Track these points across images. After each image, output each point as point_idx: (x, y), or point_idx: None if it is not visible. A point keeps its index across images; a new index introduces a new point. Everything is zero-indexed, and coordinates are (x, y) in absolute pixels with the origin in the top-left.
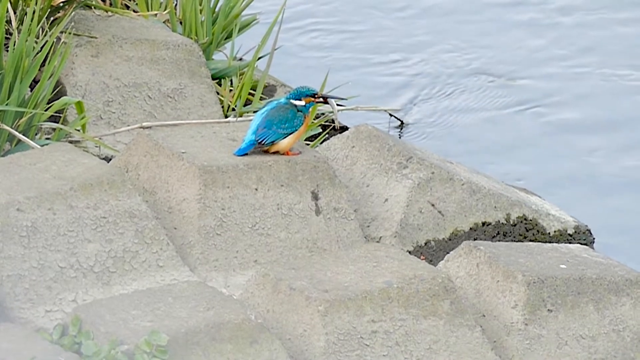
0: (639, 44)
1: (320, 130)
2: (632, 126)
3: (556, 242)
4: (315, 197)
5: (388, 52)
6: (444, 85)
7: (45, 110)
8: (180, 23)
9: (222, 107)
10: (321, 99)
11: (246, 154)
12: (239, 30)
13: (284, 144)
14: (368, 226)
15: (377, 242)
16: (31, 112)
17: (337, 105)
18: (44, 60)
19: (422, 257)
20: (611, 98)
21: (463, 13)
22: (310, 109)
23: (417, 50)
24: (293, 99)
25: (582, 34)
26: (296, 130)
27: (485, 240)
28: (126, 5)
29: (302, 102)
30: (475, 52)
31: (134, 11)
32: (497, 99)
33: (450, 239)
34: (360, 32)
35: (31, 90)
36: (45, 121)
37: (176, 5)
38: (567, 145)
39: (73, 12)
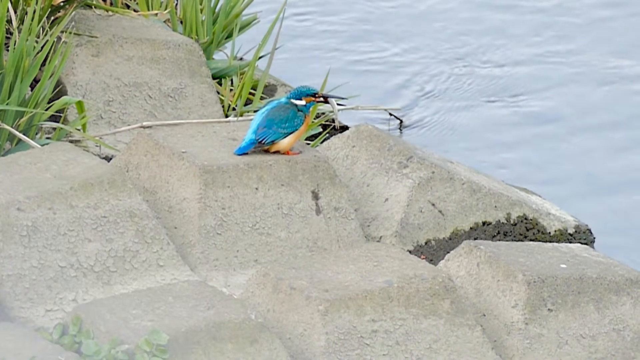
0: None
1: (321, 129)
2: (632, 125)
3: (556, 242)
4: (315, 196)
5: (389, 52)
6: (444, 84)
7: (46, 110)
8: (181, 22)
9: (223, 106)
10: (321, 99)
11: (246, 153)
12: (240, 30)
13: (284, 143)
14: (368, 226)
15: (378, 241)
16: (32, 112)
17: (338, 104)
18: (45, 60)
19: (422, 256)
20: (612, 97)
21: (464, 13)
22: (311, 109)
23: (418, 50)
24: (293, 98)
25: (584, 31)
26: (296, 129)
27: (485, 239)
28: (127, 4)
29: (303, 102)
30: (476, 52)
31: (135, 11)
32: (498, 99)
33: (450, 239)
34: (361, 32)
35: (32, 90)
36: (45, 121)
37: (177, 4)
38: (567, 145)
39: (73, 12)
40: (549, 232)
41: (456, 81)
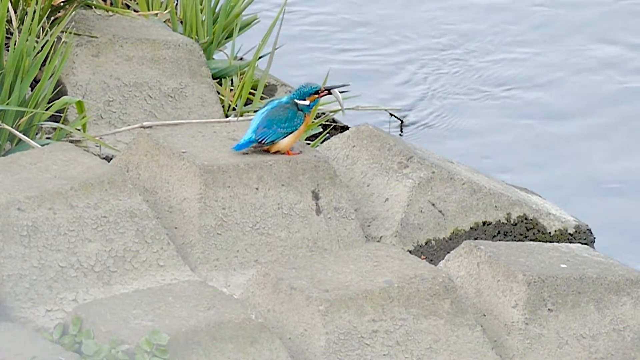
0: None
1: (321, 129)
2: (633, 125)
3: (557, 242)
4: (315, 196)
5: (389, 52)
6: (444, 84)
7: (46, 110)
8: (181, 22)
9: (223, 106)
10: (325, 92)
11: (244, 152)
12: (240, 30)
13: (284, 143)
14: (369, 226)
15: (378, 241)
16: (32, 112)
17: (341, 92)
18: (45, 60)
19: (422, 256)
20: (614, 98)
21: (464, 13)
22: (312, 108)
23: (418, 50)
24: (297, 99)
25: (585, 30)
26: (296, 129)
27: (485, 239)
28: (127, 4)
29: (307, 102)
30: (477, 52)
31: (135, 11)
32: (498, 100)
33: (450, 239)
34: (361, 32)
35: (32, 90)
36: (45, 121)
37: (177, 4)
38: (568, 144)
39: (74, 12)
40: (549, 232)
41: (456, 81)
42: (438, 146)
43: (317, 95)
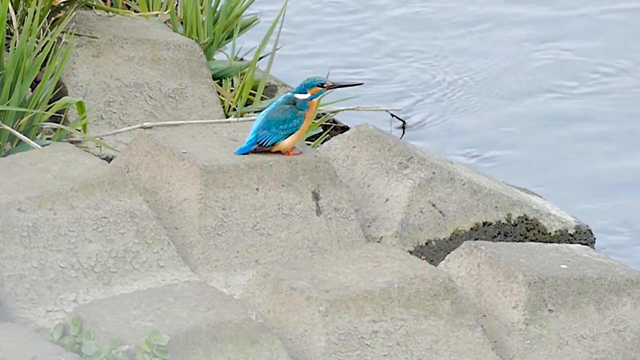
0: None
1: (321, 130)
2: (634, 126)
3: (557, 242)
4: (316, 197)
5: (390, 52)
6: (445, 85)
7: (46, 111)
8: (181, 23)
9: (223, 107)
10: (332, 87)
11: (247, 153)
12: (240, 31)
13: (285, 143)
14: (369, 226)
15: (378, 242)
16: (32, 112)
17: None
18: (45, 61)
19: (422, 257)
20: (614, 98)
21: (465, 14)
22: (315, 100)
23: (419, 51)
24: (297, 93)
25: (586, 29)
26: (297, 129)
27: (486, 240)
28: (127, 5)
29: (307, 95)
30: (478, 52)
31: (135, 11)
32: (497, 100)
33: (451, 239)
34: (362, 32)
35: (32, 91)
36: (46, 121)
37: (177, 5)
38: (567, 145)
39: (74, 12)
40: (550, 233)
41: (458, 82)
42: (439, 147)
43: (320, 87)
